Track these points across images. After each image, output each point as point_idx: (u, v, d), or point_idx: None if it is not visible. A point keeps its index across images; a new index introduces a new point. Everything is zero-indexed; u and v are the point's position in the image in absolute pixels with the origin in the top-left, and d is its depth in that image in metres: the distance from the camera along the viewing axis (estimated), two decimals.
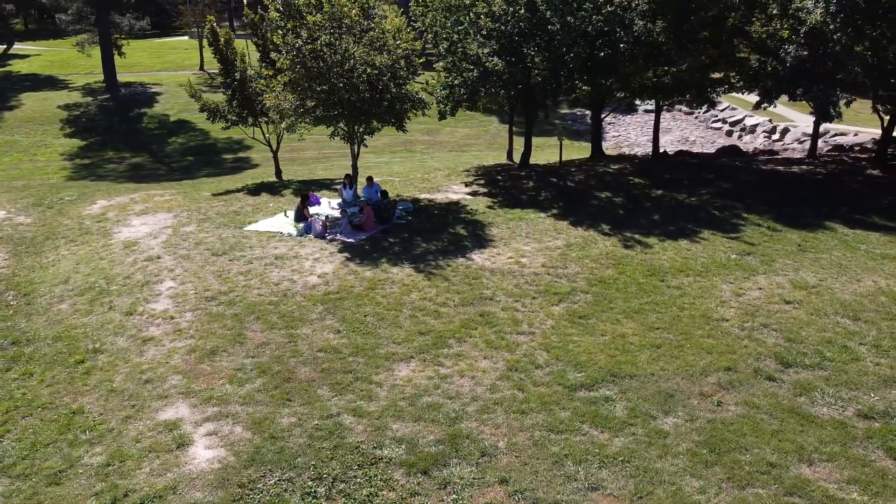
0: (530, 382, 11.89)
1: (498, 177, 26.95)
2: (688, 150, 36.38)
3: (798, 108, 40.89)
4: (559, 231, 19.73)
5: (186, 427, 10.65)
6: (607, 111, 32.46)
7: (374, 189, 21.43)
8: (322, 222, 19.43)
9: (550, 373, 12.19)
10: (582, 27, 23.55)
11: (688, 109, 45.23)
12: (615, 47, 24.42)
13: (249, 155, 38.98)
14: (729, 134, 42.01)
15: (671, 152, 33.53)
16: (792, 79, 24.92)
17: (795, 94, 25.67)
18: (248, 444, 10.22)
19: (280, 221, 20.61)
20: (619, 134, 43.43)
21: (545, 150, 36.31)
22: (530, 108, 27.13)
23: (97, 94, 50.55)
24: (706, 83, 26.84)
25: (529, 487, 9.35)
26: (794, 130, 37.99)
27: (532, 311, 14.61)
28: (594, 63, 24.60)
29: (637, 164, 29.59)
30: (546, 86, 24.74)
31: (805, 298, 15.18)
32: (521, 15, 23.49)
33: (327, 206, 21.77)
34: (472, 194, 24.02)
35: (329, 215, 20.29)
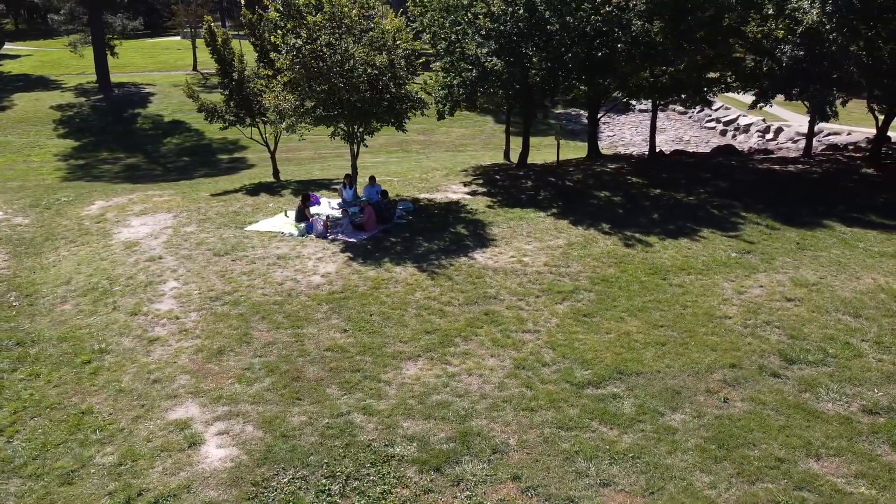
0: (538, 380, 11.97)
1: (496, 176, 27.03)
2: (683, 149, 36.57)
3: (791, 108, 41.18)
4: (560, 230, 19.82)
5: (197, 426, 10.67)
6: (603, 111, 32.57)
7: (375, 189, 21.46)
8: (323, 222, 19.45)
9: (557, 370, 12.28)
10: (581, 27, 23.65)
11: (682, 109, 45.47)
12: (613, 47, 24.55)
13: (245, 155, 38.90)
14: (723, 133, 42.23)
15: (667, 152, 33.69)
16: (788, 78, 25.14)
17: (791, 93, 25.91)
18: (259, 442, 10.25)
19: (281, 221, 20.61)
20: (613, 133, 43.59)
21: (541, 150, 36.40)
22: (528, 108, 27.21)
23: (90, 95, 50.29)
24: (703, 83, 27.03)
25: (542, 484, 9.42)
26: (787, 130, 38.25)
27: (536, 309, 14.70)
28: (592, 63, 24.72)
29: (634, 163, 29.74)
30: (544, 85, 24.83)
31: (806, 296, 15.33)
32: (519, 15, 23.57)
33: (327, 206, 21.77)
34: (471, 194, 24.09)
35: (330, 215, 20.30)
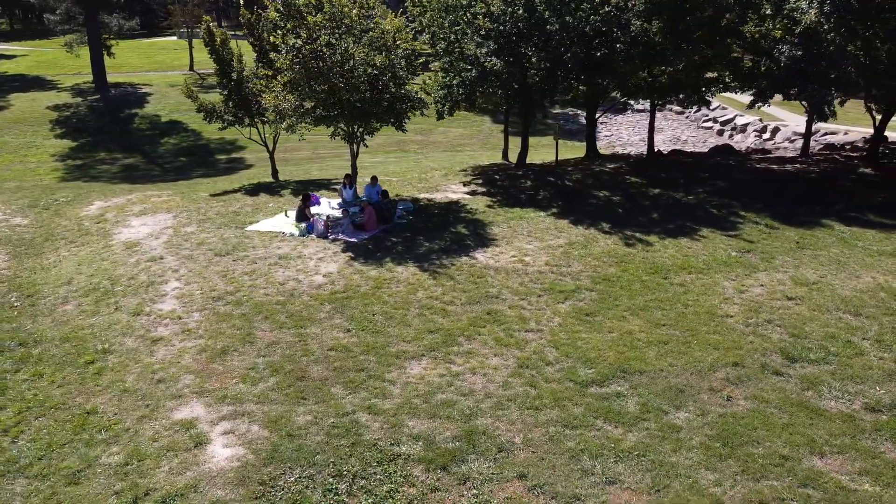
0: (542, 379, 12.01)
1: (495, 176, 27.07)
2: (680, 149, 36.66)
3: (788, 108, 41.31)
4: (560, 230, 19.87)
5: (203, 426, 10.68)
6: (601, 111, 32.65)
7: (376, 189, 21.47)
8: (324, 222, 19.46)
9: (561, 369, 12.32)
10: (580, 27, 23.71)
11: (679, 109, 45.56)
12: (612, 47, 24.61)
13: (243, 155, 38.89)
14: (720, 133, 42.36)
15: (665, 152, 33.77)
16: (787, 78, 25.24)
17: (790, 93, 26.01)
18: (265, 442, 10.26)
19: (281, 221, 20.61)
20: (611, 133, 43.68)
21: (539, 150, 36.47)
22: (527, 108, 27.26)
23: (87, 95, 50.22)
24: (701, 83, 27.12)
25: (548, 482, 9.46)
26: (784, 130, 38.39)
27: (539, 308, 14.74)
28: (591, 63, 24.78)
29: (632, 163, 29.81)
30: (543, 85, 24.88)
31: (806, 295, 15.40)
32: (519, 15, 23.61)
33: (327, 206, 21.78)
34: (470, 194, 24.12)
35: (330, 215, 20.31)
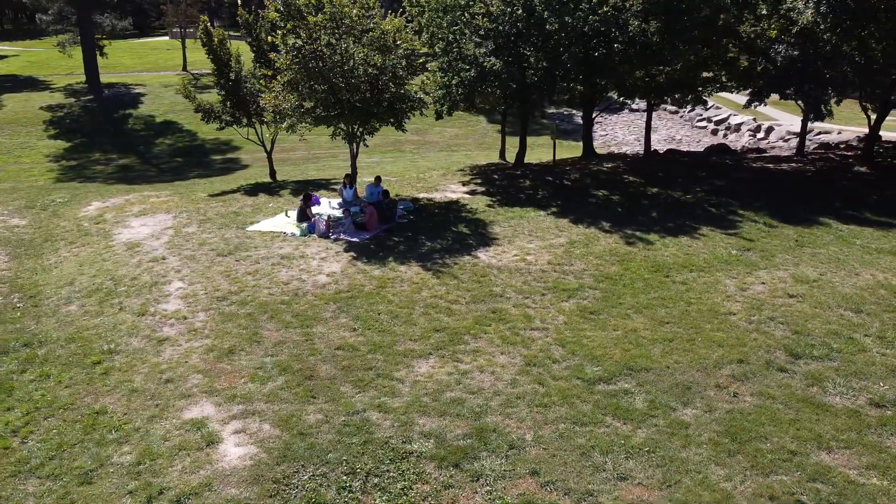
0: (549, 377, 12.08)
1: (494, 176, 27.15)
2: (676, 148, 36.84)
3: (781, 108, 41.60)
4: (561, 229, 19.96)
5: (214, 425, 10.69)
6: (598, 111, 32.77)
7: (378, 189, 21.47)
8: (325, 222, 19.48)
9: (568, 367, 12.40)
10: (579, 27, 23.81)
11: (673, 108, 45.81)
12: (610, 47, 24.73)
13: (238, 156, 38.84)
14: (714, 133, 42.60)
15: (660, 151, 33.93)
16: (783, 78, 25.44)
17: (786, 93, 26.21)
18: (277, 440, 10.29)
19: (282, 221, 20.62)
20: (606, 133, 43.85)
21: (535, 150, 36.57)
22: (526, 108, 27.35)
23: (80, 95, 49.99)
24: (698, 82, 27.28)
25: (560, 478, 9.53)
26: (778, 129, 38.65)
27: (543, 307, 14.81)
28: (590, 63, 24.89)
29: (629, 162, 29.96)
30: (542, 85, 24.97)
31: (807, 292, 15.55)
32: (518, 15, 23.69)
33: (327, 206, 21.81)
34: (470, 193, 24.19)
35: (331, 215, 20.33)
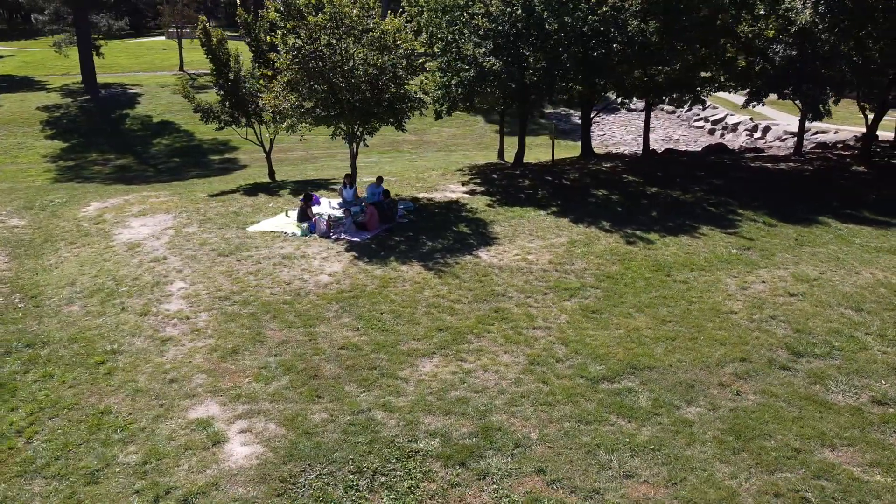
0: (553, 375, 12.12)
1: (493, 176, 27.19)
2: (674, 148, 36.93)
3: (778, 107, 41.74)
4: (561, 228, 20.00)
5: (219, 425, 10.70)
6: (595, 111, 32.84)
7: (379, 189, 21.46)
8: (326, 222, 19.49)
9: (571, 366, 12.43)
10: (578, 27, 23.86)
11: (670, 108, 45.93)
12: (609, 47, 24.79)
13: (236, 156, 38.81)
14: (711, 132, 42.71)
15: (658, 151, 34.01)
16: (781, 78, 25.54)
17: (784, 92, 26.30)
18: (283, 439, 10.30)
19: (282, 221, 20.62)
20: (603, 133, 43.93)
21: (532, 149, 36.60)
22: (525, 108, 27.39)
23: (76, 96, 49.86)
24: (696, 82, 27.37)
25: (566, 476, 9.56)
26: (775, 129, 38.78)
27: (545, 306, 14.85)
28: (589, 63, 24.94)
29: (628, 162, 30.03)
30: (541, 85, 25.02)
31: (808, 291, 15.62)
32: (517, 15, 23.73)
33: (328, 206, 21.80)
34: (469, 193, 24.22)
35: (331, 215, 20.33)
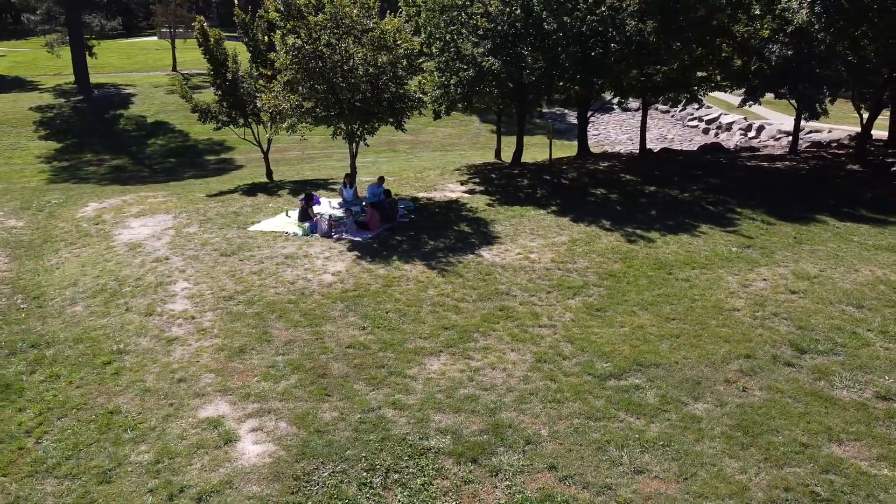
0: (560, 373, 12.19)
1: (492, 175, 27.26)
2: (669, 147, 37.10)
3: (772, 107, 41.99)
4: (562, 227, 20.09)
5: (230, 424, 10.72)
6: (592, 110, 32.97)
7: (381, 189, 21.46)
8: (328, 221, 19.50)
9: (578, 363, 12.51)
10: (577, 27, 23.96)
11: (664, 108, 46.10)
12: (607, 47, 24.89)
13: (232, 156, 38.70)
14: (705, 132, 42.92)
15: (654, 150, 34.17)
16: (778, 77, 25.72)
17: (780, 92, 26.49)
18: (295, 438, 10.33)
19: (283, 221, 20.62)
20: (598, 132, 44.09)
21: (529, 149, 36.56)
22: (523, 108, 27.47)
23: (69, 96, 49.58)
24: (693, 82, 27.52)
25: (578, 472, 9.63)
26: (769, 128, 39.00)
27: (549, 304, 14.93)
28: (587, 63, 25.04)
29: (625, 161, 30.15)
30: (540, 85, 25.10)
31: (809, 288, 15.76)
32: (516, 15, 23.81)
33: (328, 206, 21.80)
34: (469, 192, 24.28)
35: (332, 215, 20.34)
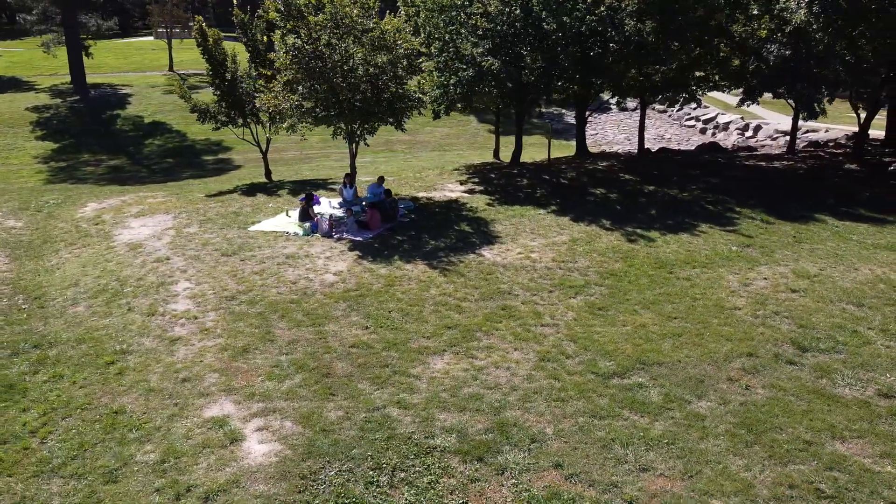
0: (564, 372, 12.23)
1: (491, 175, 27.29)
2: (667, 147, 37.18)
3: (769, 106, 42.11)
4: (562, 227, 20.14)
5: (235, 423, 10.72)
6: (590, 110, 33.04)
7: (381, 189, 21.48)
8: (328, 221, 19.51)
9: (581, 362, 12.55)
10: (576, 27, 24.01)
11: (661, 108, 46.23)
12: (606, 47, 24.95)
13: (230, 156, 38.66)
14: (702, 132, 43.04)
15: (652, 150, 34.23)
16: (776, 77, 25.81)
17: (779, 92, 26.58)
18: (300, 437, 10.34)
19: (283, 221, 20.62)
20: (596, 132, 44.17)
21: (526, 149, 36.54)
22: (522, 108, 27.51)
23: (66, 96, 49.45)
24: (692, 81, 27.61)
25: (584, 470, 9.67)
26: (766, 128, 39.12)
27: (551, 303, 14.97)
28: (586, 62, 25.10)
29: (623, 161, 30.22)
30: (539, 84, 25.15)
31: (809, 287, 15.83)
32: (516, 15, 23.85)
33: (328, 206, 21.81)
34: (468, 192, 24.31)
35: (333, 214, 20.35)
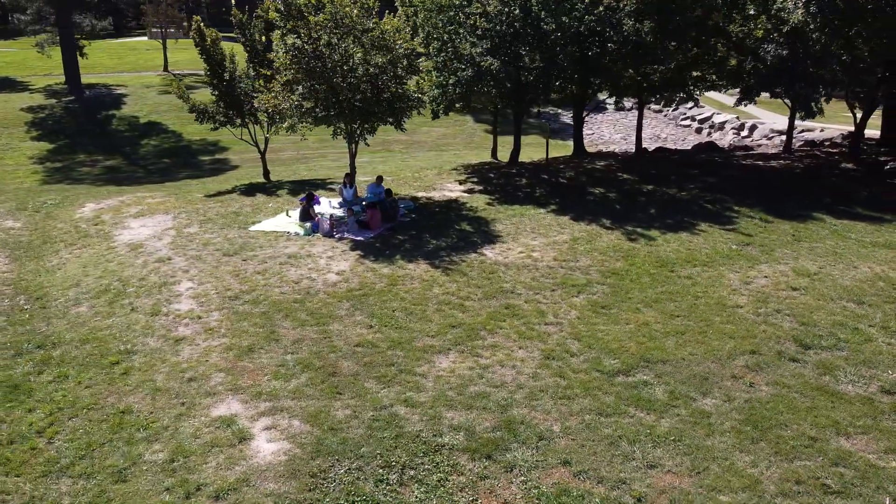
0: (569, 370, 12.29)
1: (489, 174, 27.34)
2: (664, 146, 37.31)
3: (764, 106, 42.30)
4: (562, 226, 20.21)
5: (243, 422, 10.74)
6: (587, 110, 33.15)
7: (381, 189, 21.50)
8: (329, 221, 19.53)
9: (586, 360, 12.62)
10: (575, 27, 24.09)
11: (657, 107, 46.38)
12: (604, 47, 25.04)
13: (227, 156, 38.58)
14: (698, 131, 43.18)
15: (649, 149, 34.35)
16: (773, 77, 25.95)
17: (776, 91, 26.72)
18: (309, 436, 10.36)
19: (283, 221, 20.62)
20: (592, 132, 44.28)
21: (524, 148, 36.54)
22: (521, 108, 27.58)
23: (61, 96, 49.25)
24: (689, 81, 27.72)
25: (592, 467, 9.73)
26: (761, 127, 39.30)
27: (554, 302, 15.03)
28: (585, 62, 25.18)
29: (621, 160, 30.32)
30: (538, 84, 25.22)
31: (809, 285, 15.94)
32: (515, 15, 23.91)
33: (328, 206, 21.82)
34: (468, 192, 24.36)
35: (333, 214, 20.36)
